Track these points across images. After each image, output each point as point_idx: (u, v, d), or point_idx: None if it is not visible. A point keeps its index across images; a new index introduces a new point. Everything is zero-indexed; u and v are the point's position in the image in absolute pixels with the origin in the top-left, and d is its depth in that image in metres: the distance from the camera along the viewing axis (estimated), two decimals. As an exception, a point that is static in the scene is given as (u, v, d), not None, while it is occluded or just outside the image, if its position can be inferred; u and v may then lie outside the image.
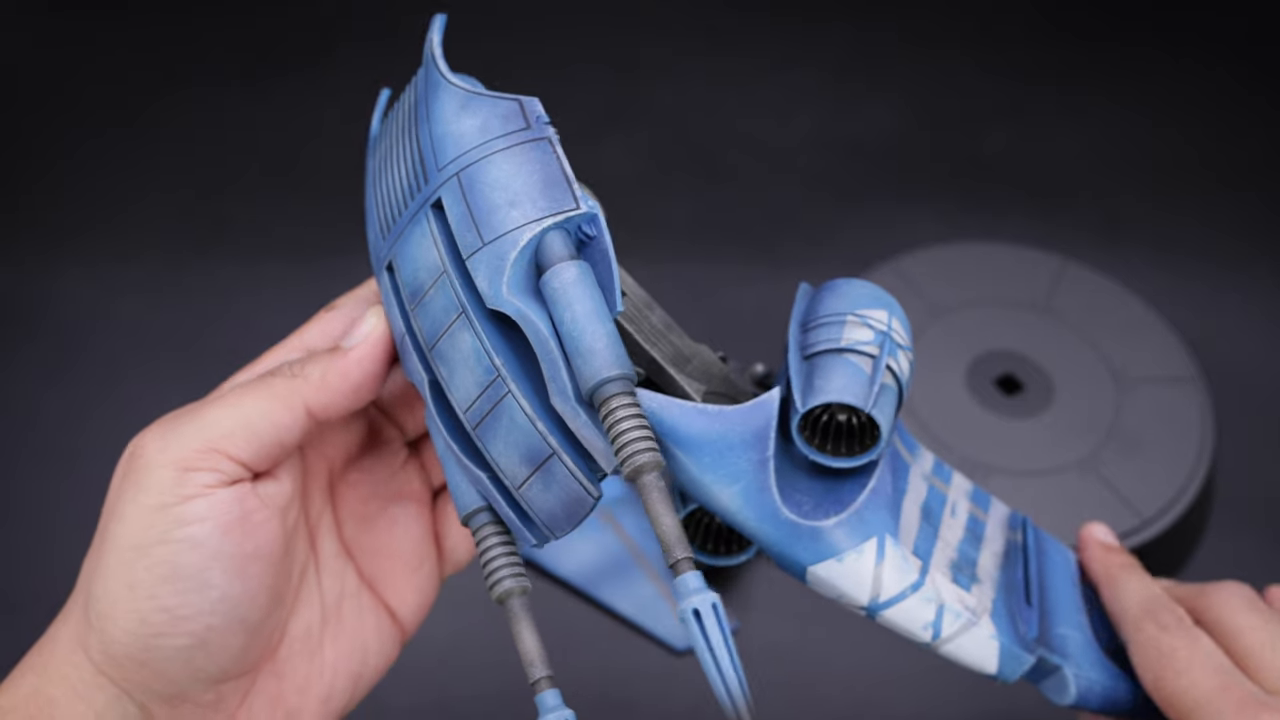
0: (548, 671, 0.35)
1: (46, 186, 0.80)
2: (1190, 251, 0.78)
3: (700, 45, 0.88)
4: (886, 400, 0.37)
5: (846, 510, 0.37)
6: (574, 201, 0.35)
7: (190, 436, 0.36)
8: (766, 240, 0.78)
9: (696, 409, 0.36)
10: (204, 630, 0.36)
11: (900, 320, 0.39)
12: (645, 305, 0.40)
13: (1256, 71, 0.88)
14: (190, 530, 0.36)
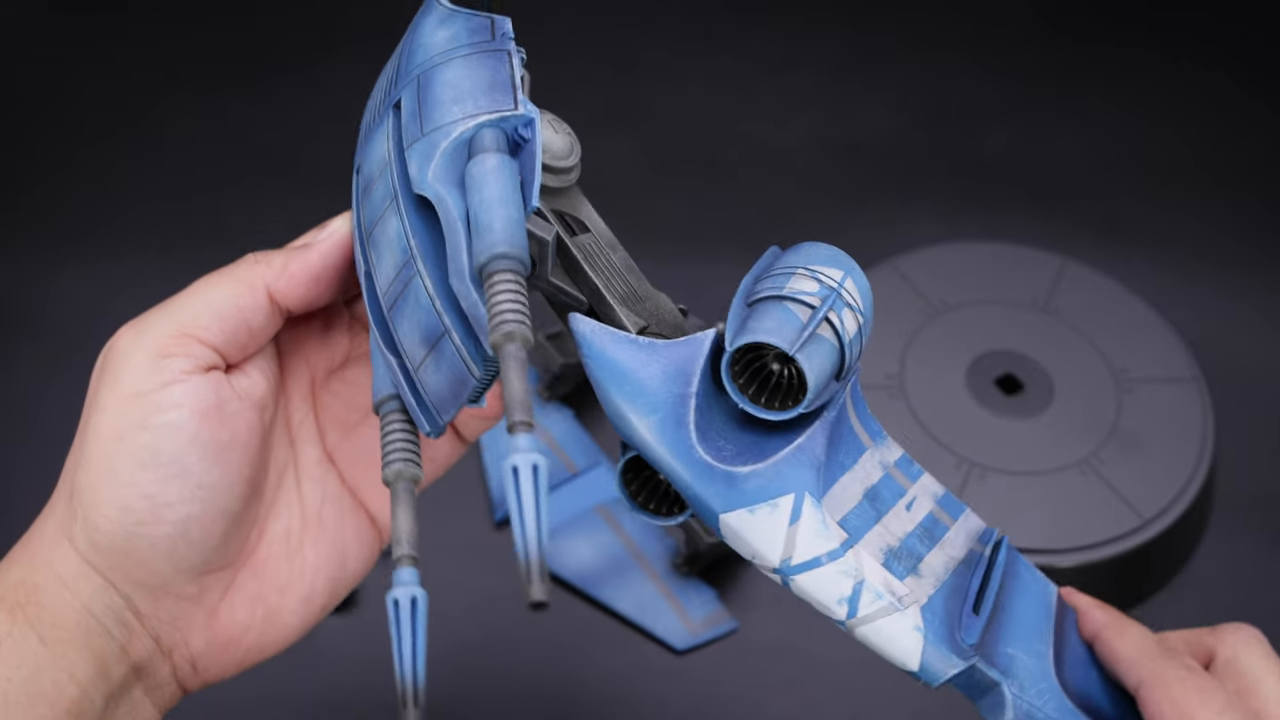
0: (412, 553, 0.36)
1: (47, 186, 0.80)
2: (1190, 252, 0.78)
3: (699, 46, 0.88)
4: (818, 352, 0.36)
5: (765, 461, 0.37)
6: (514, 103, 0.36)
7: (161, 324, 0.37)
8: (766, 240, 0.78)
9: (626, 338, 0.37)
10: (184, 519, 0.37)
11: (858, 284, 0.38)
12: (608, 244, 0.40)
13: (1255, 73, 0.88)
14: (168, 416, 0.36)
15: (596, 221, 0.41)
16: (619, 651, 0.62)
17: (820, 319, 0.36)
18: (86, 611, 0.37)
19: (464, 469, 0.67)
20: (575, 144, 0.39)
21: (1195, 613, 0.64)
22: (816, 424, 0.38)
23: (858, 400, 0.40)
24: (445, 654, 0.61)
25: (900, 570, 0.38)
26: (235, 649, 0.40)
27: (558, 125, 0.40)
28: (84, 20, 0.88)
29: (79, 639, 0.37)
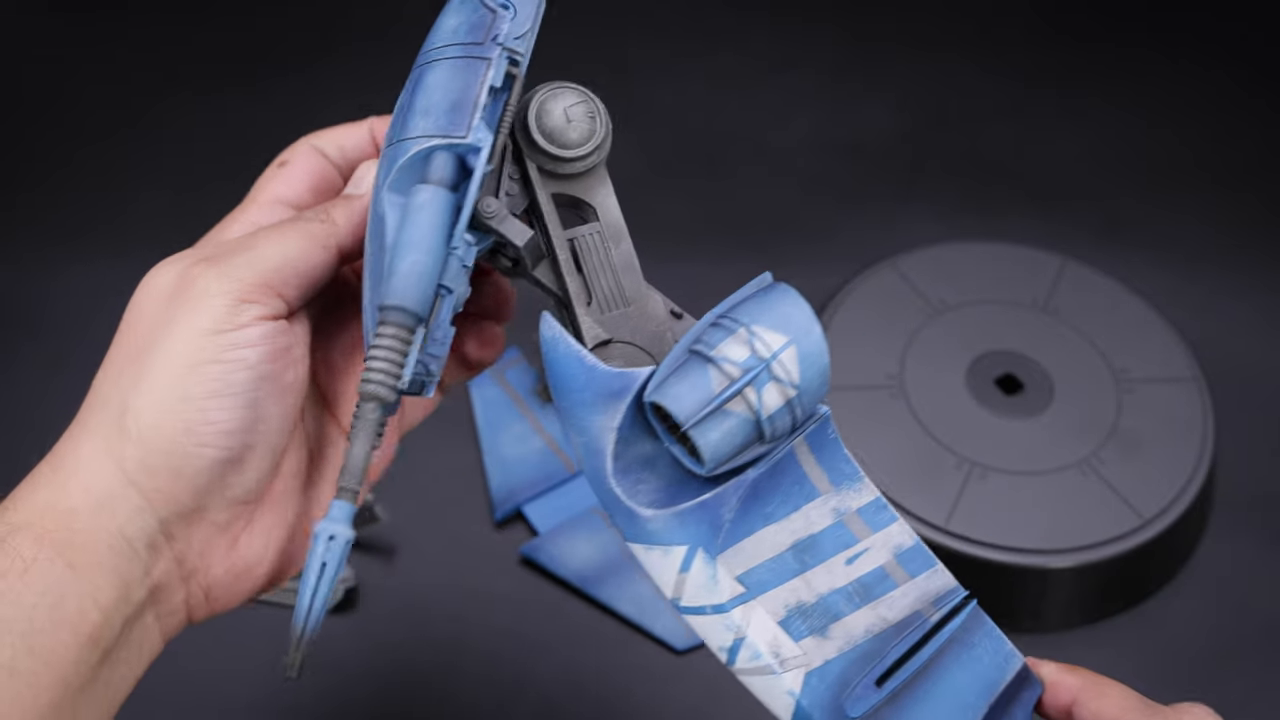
0: (356, 487, 0.37)
1: (47, 186, 0.80)
2: (1190, 251, 0.78)
3: (699, 46, 0.88)
4: (721, 427, 0.37)
5: (666, 510, 0.38)
6: (465, 130, 0.38)
7: (244, 271, 0.39)
8: (766, 240, 0.78)
9: (576, 353, 0.39)
10: (241, 448, 0.39)
11: (803, 351, 0.37)
12: (612, 236, 0.41)
13: (1255, 73, 0.89)
14: (243, 353, 0.38)
15: (610, 209, 0.41)
16: (619, 651, 0.62)
17: (731, 395, 0.37)
18: (119, 534, 0.38)
19: (464, 469, 0.67)
20: (597, 127, 0.41)
21: (1195, 613, 0.64)
22: (730, 484, 0.38)
23: (825, 444, 0.39)
24: (444, 653, 0.61)
25: (802, 629, 0.39)
26: (248, 579, 0.42)
27: (577, 110, 0.40)
28: (84, 20, 0.88)
29: (107, 563, 0.38)
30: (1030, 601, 0.62)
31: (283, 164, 0.45)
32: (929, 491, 0.63)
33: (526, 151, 0.41)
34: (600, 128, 0.41)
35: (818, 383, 0.38)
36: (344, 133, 0.46)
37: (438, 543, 0.65)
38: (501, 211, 0.40)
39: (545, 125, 0.40)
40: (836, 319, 0.69)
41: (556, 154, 0.40)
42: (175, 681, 0.60)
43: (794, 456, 0.39)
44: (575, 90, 0.41)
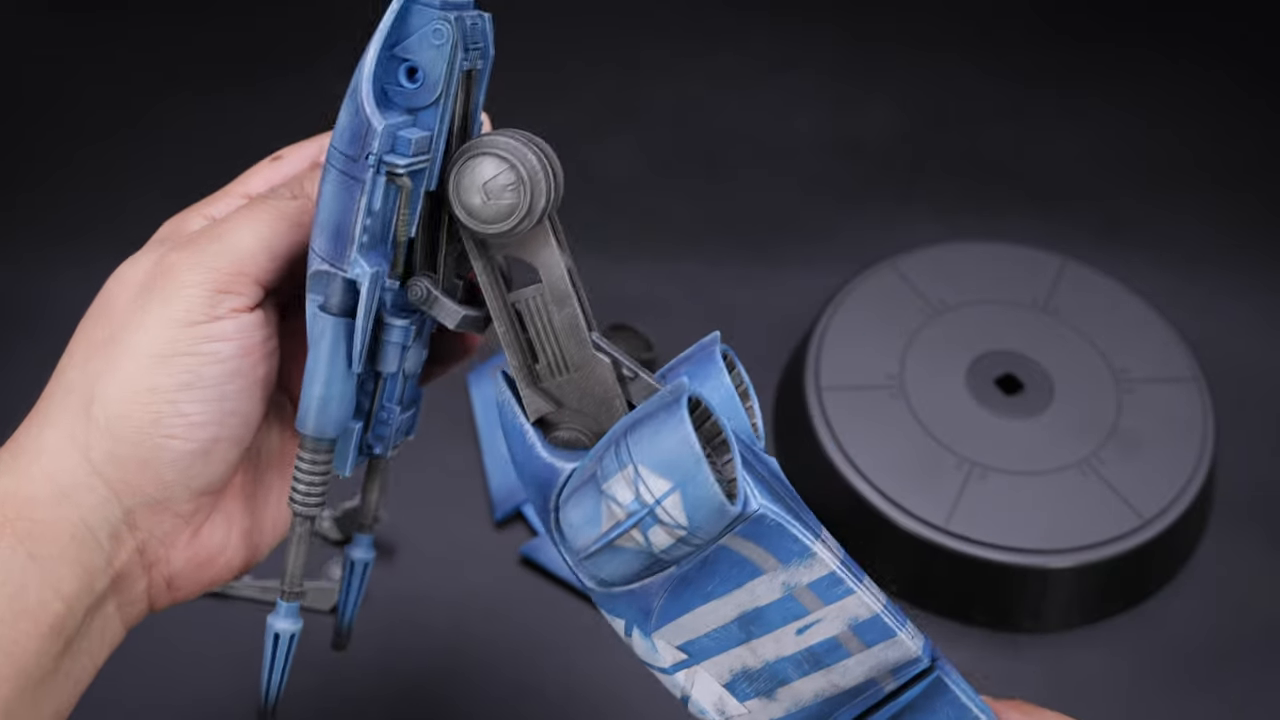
0: (298, 589, 0.42)
1: (46, 186, 0.80)
2: (1190, 251, 0.78)
3: (700, 46, 0.88)
4: (614, 560, 0.37)
5: (605, 589, 0.39)
6: (345, 262, 0.38)
7: (220, 259, 0.38)
8: (766, 240, 0.78)
9: (521, 428, 0.39)
10: (211, 439, 0.39)
11: (690, 501, 0.36)
12: (556, 301, 0.40)
13: (1254, 73, 0.88)
14: (216, 346, 0.38)
15: (552, 269, 0.39)
16: (619, 651, 0.62)
17: (616, 536, 0.37)
18: (83, 524, 0.38)
19: (464, 469, 0.67)
20: (520, 199, 0.38)
21: (1195, 613, 0.64)
22: (655, 579, 0.38)
23: (764, 533, 0.38)
24: (444, 653, 0.61)
25: (748, 691, 0.39)
26: (209, 568, 0.42)
27: (496, 183, 0.38)
28: (84, 20, 0.88)
29: (70, 553, 0.37)
30: (1030, 601, 0.62)
31: (277, 158, 0.44)
32: (929, 491, 0.63)
33: (457, 223, 0.39)
34: (523, 198, 0.38)
35: (711, 521, 0.37)
36: None
37: (438, 543, 0.65)
38: (430, 295, 0.39)
39: (465, 200, 0.38)
40: (836, 319, 0.69)
41: (479, 230, 0.38)
42: (176, 682, 0.60)
43: (727, 548, 0.38)
44: (495, 158, 0.38)
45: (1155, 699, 0.62)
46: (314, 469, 0.41)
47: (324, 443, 0.40)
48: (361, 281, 0.38)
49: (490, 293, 0.40)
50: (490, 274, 0.40)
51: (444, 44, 0.37)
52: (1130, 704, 0.61)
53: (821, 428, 0.65)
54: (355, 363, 0.39)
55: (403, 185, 0.38)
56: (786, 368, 0.71)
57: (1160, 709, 0.61)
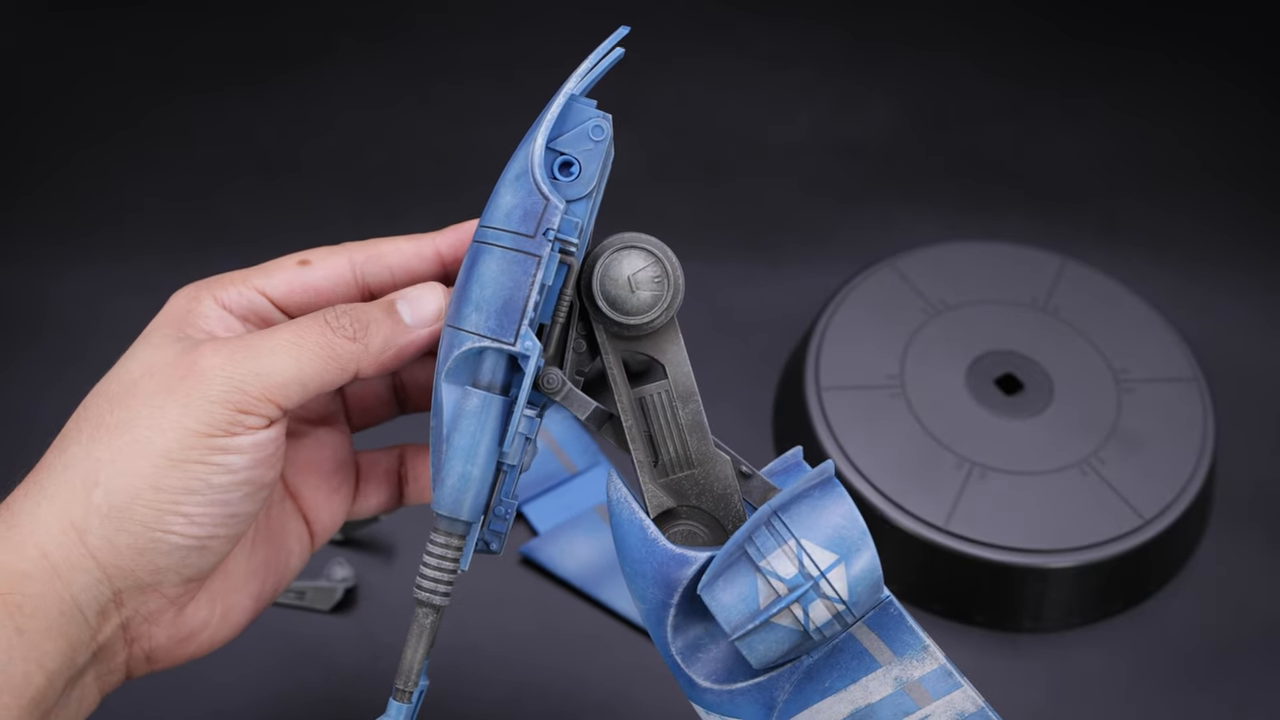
0: (408, 688, 0.41)
1: (47, 186, 0.80)
2: (1190, 251, 0.78)
3: (699, 45, 0.88)
4: (767, 639, 0.38)
5: (723, 685, 0.39)
6: (514, 337, 0.39)
7: (250, 380, 0.38)
8: (766, 240, 0.78)
9: (640, 524, 0.39)
10: (209, 538, 0.39)
11: (853, 575, 0.38)
12: (681, 395, 0.41)
13: (1255, 72, 0.88)
14: (230, 459, 0.39)
15: (679, 366, 0.41)
16: (619, 651, 0.62)
17: (777, 611, 0.37)
18: (73, 602, 0.38)
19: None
20: (664, 292, 0.40)
21: (1195, 613, 0.64)
22: (785, 669, 0.39)
23: (886, 622, 0.39)
24: (445, 653, 0.61)
25: None
26: (190, 644, 0.42)
27: (643, 275, 0.40)
28: (84, 20, 0.88)
29: (56, 628, 0.38)
30: (1030, 601, 0.62)
31: (305, 263, 0.43)
32: (929, 491, 0.63)
33: (591, 313, 0.41)
34: (668, 292, 0.40)
35: (868, 594, 0.38)
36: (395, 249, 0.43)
37: (438, 543, 0.65)
38: (565, 386, 0.40)
39: (609, 291, 0.40)
40: (836, 319, 0.69)
41: (620, 320, 0.40)
42: (176, 682, 0.60)
43: (853, 636, 0.39)
44: (643, 252, 0.40)
45: (1155, 699, 0.62)
46: (444, 556, 0.40)
47: (458, 526, 0.40)
48: (530, 354, 0.38)
49: (618, 386, 0.41)
50: (619, 368, 0.41)
51: (603, 141, 0.39)
52: (1130, 704, 0.61)
53: (821, 428, 0.65)
54: (509, 440, 0.39)
55: (571, 264, 0.39)
56: (786, 368, 0.71)
57: (1160, 709, 0.61)
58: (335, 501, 0.46)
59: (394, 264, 0.43)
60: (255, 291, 0.42)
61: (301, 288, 0.42)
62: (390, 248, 0.43)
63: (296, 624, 0.61)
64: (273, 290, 0.42)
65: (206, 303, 0.42)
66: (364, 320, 0.40)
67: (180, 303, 0.42)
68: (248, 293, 0.42)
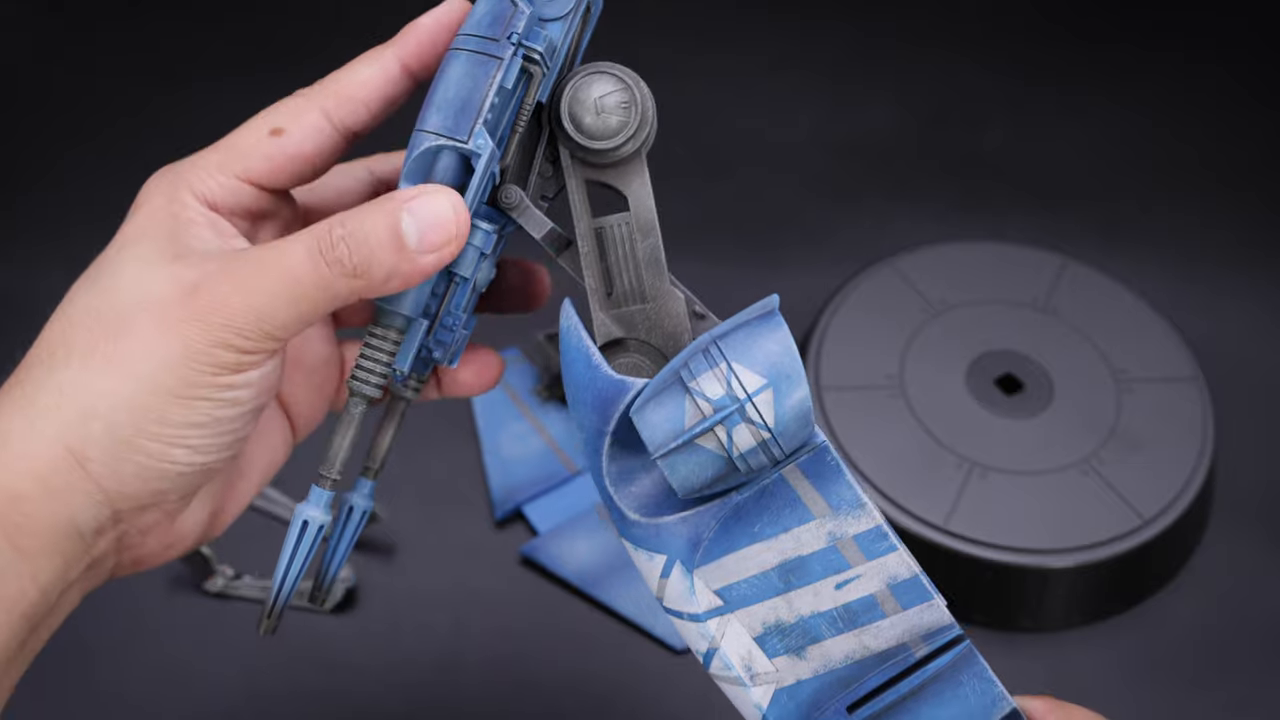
0: (336, 476, 0.41)
1: (45, 185, 0.80)
2: (1190, 251, 0.78)
3: (699, 45, 0.88)
4: (689, 461, 0.37)
5: (649, 519, 0.39)
6: (468, 135, 0.38)
7: (250, 325, 0.37)
8: (766, 240, 0.78)
9: (586, 351, 0.39)
10: (213, 462, 0.39)
11: (781, 401, 0.37)
12: (641, 231, 0.41)
13: (1256, 71, 0.88)
14: (236, 393, 0.38)
15: (641, 200, 0.41)
16: (619, 651, 0.62)
17: (700, 431, 0.37)
18: (70, 521, 0.38)
19: (464, 469, 0.67)
20: (631, 118, 0.40)
21: (1195, 613, 0.64)
22: (711, 505, 0.39)
23: (823, 471, 0.39)
24: (445, 653, 0.61)
25: (778, 647, 0.39)
26: (177, 548, 0.42)
27: (610, 100, 0.40)
28: (84, 20, 0.88)
29: (51, 545, 0.37)
30: (1030, 601, 0.62)
31: (278, 132, 0.41)
32: (929, 491, 0.63)
33: (559, 137, 0.41)
34: (634, 119, 0.40)
35: (796, 426, 0.37)
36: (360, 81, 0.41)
37: (438, 543, 0.65)
38: (522, 203, 0.41)
39: (575, 114, 0.40)
40: (836, 319, 0.69)
41: (585, 144, 0.40)
42: (176, 682, 0.60)
43: (785, 482, 0.39)
44: (612, 76, 0.40)
45: (1155, 699, 0.62)
46: (380, 349, 0.40)
47: (396, 320, 0.40)
48: (481, 153, 0.38)
49: (578, 211, 0.41)
50: (581, 194, 0.41)
51: None
52: (1130, 704, 0.61)
53: (821, 428, 0.65)
54: None
55: (534, 72, 0.39)
56: (786, 368, 0.71)
57: (1160, 709, 0.61)
58: (317, 397, 0.46)
59: (367, 98, 0.41)
60: (238, 181, 0.40)
61: (285, 160, 0.41)
62: (356, 82, 0.41)
63: (296, 624, 0.61)
64: (254, 173, 0.40)
65: (190, 201, 0.40)
66: (365, 249, 0.38)
67: (160, 202, 0.40)
68: (230, 184, 0.40)
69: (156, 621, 0.61)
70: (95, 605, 0.61)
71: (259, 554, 0.63)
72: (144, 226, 0.40)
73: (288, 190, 0.42)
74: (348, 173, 0.46)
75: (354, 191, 0.46)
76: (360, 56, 0.41)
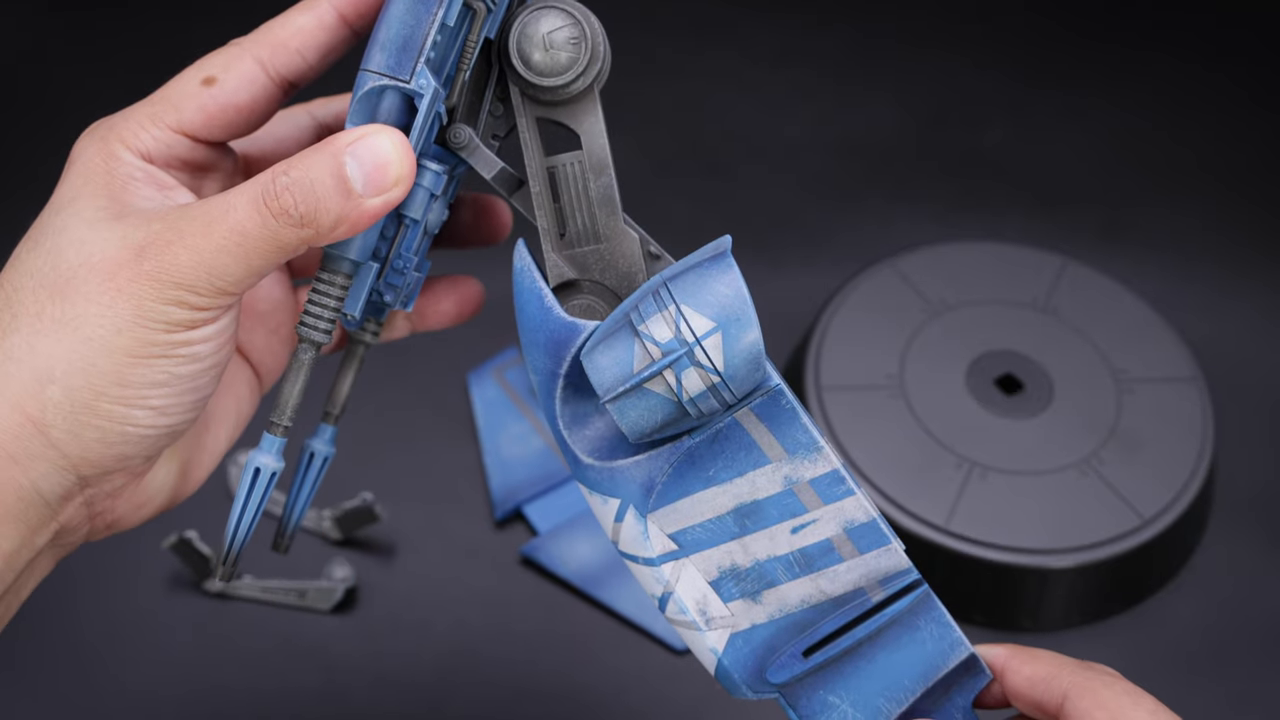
0: (287, 423, 0.40)
1: (45, 185, 0.80)
2: (1190, 251, 0.78)
3: (699, 44, 0.88)
4: (638, 406, 0.37)
5: (603, 462, 0.38)
6: (409, 75, 0.37)
7: (201, 282, 0.37)
8: (766, 240, 0.78)
9: (537, 291, 0.39)
10: (179, 423, 0.38)
11: (730, 344, 0.37)
12: (594, 170, 0.40)
13: (1256, 73, 0.88)
14: (195, 349, 0.37)
15: (594, 138, 0.40)
16: (619, 651, 0.62)
17: (649, 375, 0.37)
18: (33, 488, 0.37)
19: (464, 469, 0.67)
20: (580, 54, 0.39)
21: (1195, 613, 0.64)
22: (664, 449, 0.38)
23: (778, 415, 0.38)
24: (445, 653, 0.61)
25: (733, 592, 0.39)
26: (148, 507, 0.42)
27: (559, 35, 0.39)
28: (84, 20, 0.88)
29: (15, 512, 0.37)
30: (1030, 601, 0.62)
31: (210, 82, 0.40)
32: (929, 491, 0.63)
33: (508, 74, 0.40)
34: (583, 54, 0.39)
35: (747, 370, 0.37)
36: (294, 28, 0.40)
37: (438, 543, 0.65)
38: (472, 142, 0.40)
39: (524, 50, 0.39)
40: (836, 319, 0.69)
41: (534, 81, 0.39)
42: (176, 682, 0.60)
43: (740, 425, 0.38)
44: (561, 12, 0.39)
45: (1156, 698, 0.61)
46: (327, 293, 0.39)
47: (342, 264, 0.39)
48: (424, 92, 0.37)
49: (530, 150, 0.40)
50: (532, 132, 0.40)
51: None
52: (1130, 704, 0.61)
53: (821, 428, 0.65)
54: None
55: (478, 9, 0.39)
56: (786, 368, 0.71)
57: (1160, 709, 0.61)
58: (277, 343, 0.45)
59: (301, 46, 0.40)
60: (172, 133, 0.40)
61: (218, 111, 0.40)
62: (290, 30, 0.40)
63: (296, 624, 0.61)
64: (189, 124, 0.40)
65: (125, 156, 0.39)
66: (310, 197, 0.37)
67: (96, 160, 0.39)
68: (164, 136, 0.40)
69: (156, 621, 0.61)
70: (95, 605, 0.62)
71: (259, 554, 0.63)
72: (81, 185, 0.39)
73: (225, 142, 0.41)
74: (288, 119, 0.45)
75: (294, 139, 0.45)
76: (296, 5, 0.40)
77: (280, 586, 0.62)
